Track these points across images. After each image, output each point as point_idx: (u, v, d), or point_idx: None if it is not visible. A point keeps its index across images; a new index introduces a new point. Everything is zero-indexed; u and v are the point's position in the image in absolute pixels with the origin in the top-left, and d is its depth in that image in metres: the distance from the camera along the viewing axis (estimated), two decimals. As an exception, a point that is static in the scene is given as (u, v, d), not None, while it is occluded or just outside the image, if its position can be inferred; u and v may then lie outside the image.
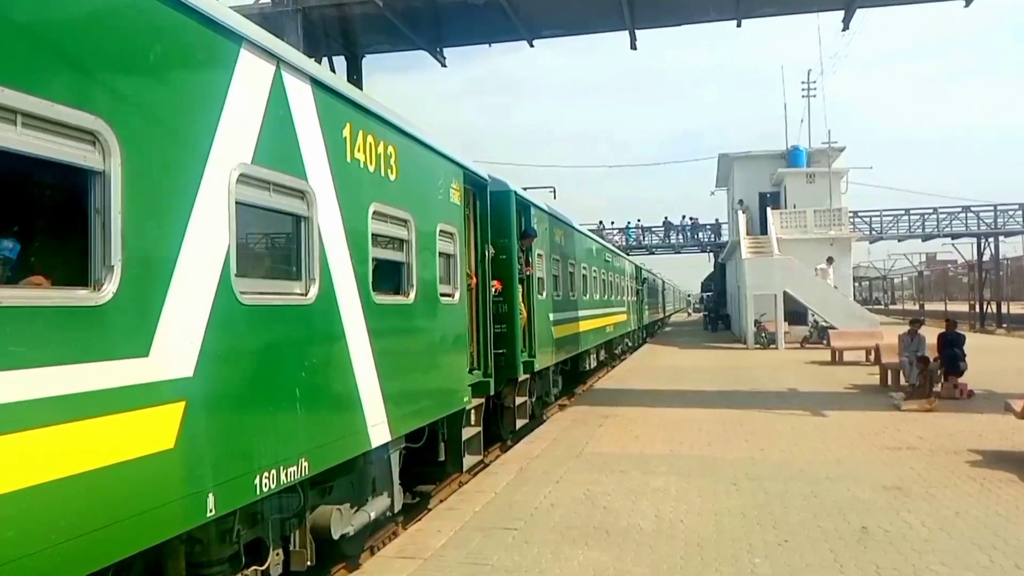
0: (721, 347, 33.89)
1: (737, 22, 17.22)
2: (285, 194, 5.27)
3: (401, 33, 17.27)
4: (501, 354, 11.22)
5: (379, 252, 6.74)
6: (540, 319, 13.38)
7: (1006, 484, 8.49)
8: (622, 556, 6.45)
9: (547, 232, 14.62)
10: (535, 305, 13.01)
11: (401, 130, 7.35)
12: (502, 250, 11.38)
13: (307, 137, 5.56)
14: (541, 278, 13.73)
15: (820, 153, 41.32)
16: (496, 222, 10.99)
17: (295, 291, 5.44)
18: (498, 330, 11.04)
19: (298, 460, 5.19)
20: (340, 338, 5.97)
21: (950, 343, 15.68)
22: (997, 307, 48.86)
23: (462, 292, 8.91)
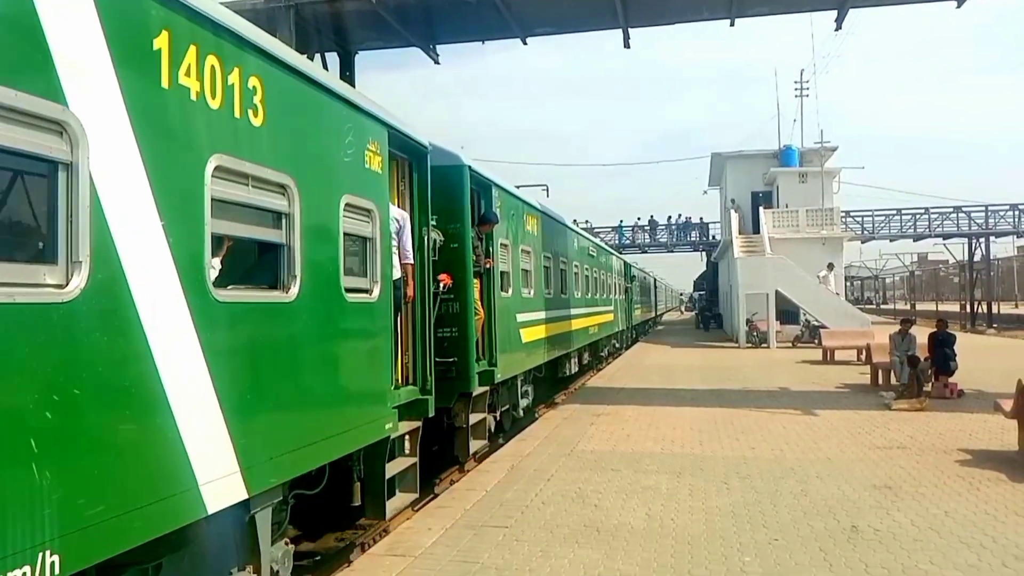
0: (713, 346, 33.95)
1: (730, 21, 17.19)
2: (20, 123, 3.30)
3: (394, 29, 17.20)
4: (452, 363, 9.67)
5: (229, 226, 4.81)
6: (504, 320, 11.52)
7: (995, 483, 8.52)
8: (612, 554, 6.44)
9: (515, 219, 12.71)
10: (497, 304, 11.07)
11: (272, 56, 5.22)
12: (452, 237, 9.64)
13: (72, 38, 3.58)
14: (506, 272, 11.89)
15: (812, 153, 41.40)
16: (444, 203, 9.34)
17: (45, 281, 3.44)
18: (447, 334, 9.64)
19: (37, 556, 3.21)
20: (136, 355, 3.89)
21: (941, 343, 15.73)
22: (988, 307, 49.21)
23: (385, 288, 6.80)
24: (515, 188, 13.24)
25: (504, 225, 11.71)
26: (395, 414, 7.06)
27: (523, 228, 13.38)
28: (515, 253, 12.58)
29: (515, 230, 12.69)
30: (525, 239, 13.42)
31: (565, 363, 18.14)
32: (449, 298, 9.64)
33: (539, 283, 14.48)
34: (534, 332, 13.77)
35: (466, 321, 9.90)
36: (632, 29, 17.52)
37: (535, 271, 14.13)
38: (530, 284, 13.78)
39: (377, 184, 6.86)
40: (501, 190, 11.69)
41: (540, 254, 14.74)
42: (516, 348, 12.41)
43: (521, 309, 12.81)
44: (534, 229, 14.27)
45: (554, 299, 15.91)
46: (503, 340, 11.34)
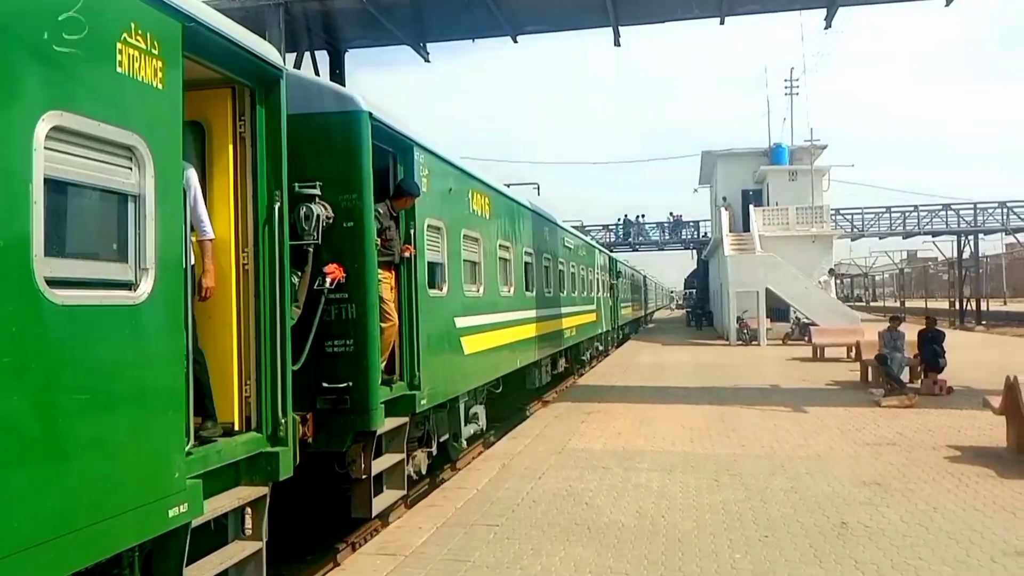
0: (704, 343, 34.02)
1: (720, 19, 17.24)
2: None
3: (384, 27, 17.18)
4: (345, 390, 6.87)
5: None
6: (435, 327, 8.88)
7: (984, 479, 8.56)
8: (603, 552, 6.45)
9: (455, 197, 9.93)
10: (423, 306, 8.25)
11: None
12: (346, 214, 6.94)
13: None
14: (438, 264, 9.24)
15: (802, 151, 41.54)
16: (331, 164, 6.95)
17: None
18: (338, 349, 6.97)
19: None
20: None
21: (930, 340, 15.80)
22: (976, 304, 49.49)
23: (166, 280, 4.28)
24: (456, 157, 10.15)
25: (436, 201, 9.07)
26: (195, 488, 4.42)
27: (467, 208, 10.51)
28: (454, 240, 9.67)
29: (454, 210, 9.85)
30: (471, 223, 10.58)
31: (534, 372, 15.59)
32: (340, 299, 6.92)
33: (492, 279, 11.61)
34: (484, 340, 10.93)
35: (366, 330, 6.99)
36: (622, 27, 17.55)
37: (486, 264, 11.20)
38: (478, 280, 10.89)
39: (147, 105, 4.17)
40: (429, 154, 8.79)
41: (494, 243, 11.81)
42: (455, 362, 9.64)
43: (463, 311, 9.99)
44: (484, 211, 11.35)
45: (516, 298, 13.14)
46: (433, 353, 8.56)
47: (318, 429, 6.70)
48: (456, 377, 9.76)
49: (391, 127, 7.83)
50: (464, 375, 10.12)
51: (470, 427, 10.78)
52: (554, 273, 17.43)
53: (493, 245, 11.77)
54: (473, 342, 10.40)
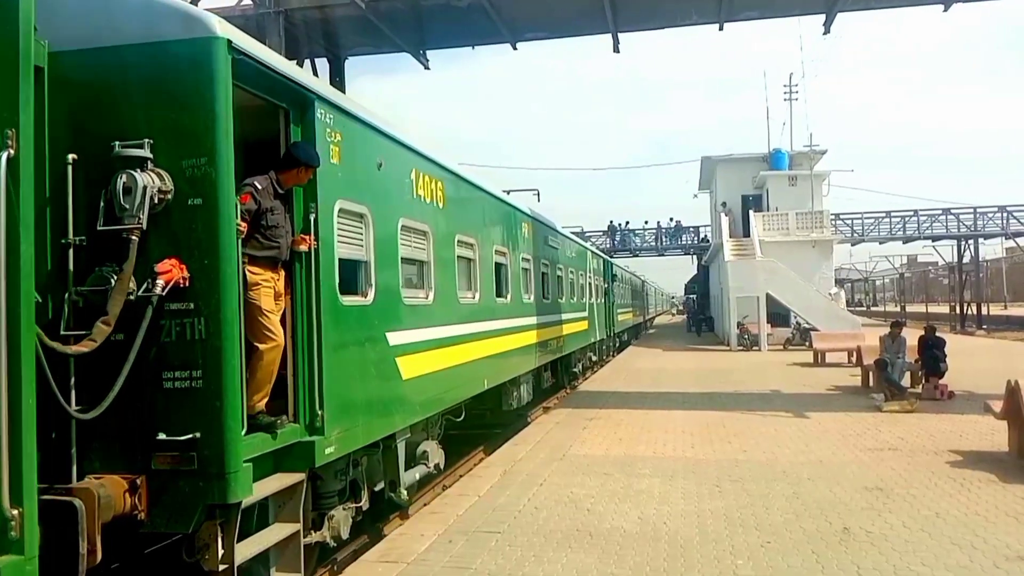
0: (704, 349, 34.00)
1: (719, 25, 17.31)
2: None
3: (384, 35, 17.24)
4: (191, 446, 4.92)
5: None
6: (353, 347, 6.84)
7: (986, 484, 8.55)
8: (605, 558, 6.44)
9: (386, 174, 7.66)
10: (331, 319, 6.28)
11: None
12: (192, 185, 5.03)
13: None
14: (360, 263, 7.11)
15: (802, 156, 41.59)
16: (167, 114, 5.09)
17: None
18: (180, 384, 5.01)
19: None
20: None
21: (930, 346, 15.80)
22: (977, 308, 49.47)
23: None
24: (383, 121, 7.84)
25: (356, 179, 6.96)
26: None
27: (409, 193, 8.31)
28: (386, 232, 7.59)
29: (387, 193, 7.74)
30: (415, 211, 8.41)
31: (511, 391, 13.41)
32: (182, 310, 4.99)
33: (447, 283, 9.49)
34: (434, 359, 8.80)
35: (220, 355, 4.95)
36: (622, 33, 17.60)
37: (439, 264, 9.10)
38: (426, 284, 8.81)
39: None
40: (341, 114, 6.69)
41: (451, 238, 9.73)
42: (386, 391, 7.54)
43: (401, 324, 7.88)
44: (436, 198, 9.18)
45: (482, 306, 10.97)
46: (346, 381, 6.60)
47: (154, 500, 4.96)
48: (389, 410, 7.54)
49: (273, 68, 5.71)
50: (403, 406, 7.84)
51: (415, 471, 8.48)
52: (535, 276, 15.17)
53: (449, 241, 9.60)
54: (416, 363, 8.14)
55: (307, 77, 6.54)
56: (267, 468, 5.68)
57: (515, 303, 13.18)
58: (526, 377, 14.40)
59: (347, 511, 6.88)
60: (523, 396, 14.19)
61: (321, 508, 6.56)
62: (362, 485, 7.29)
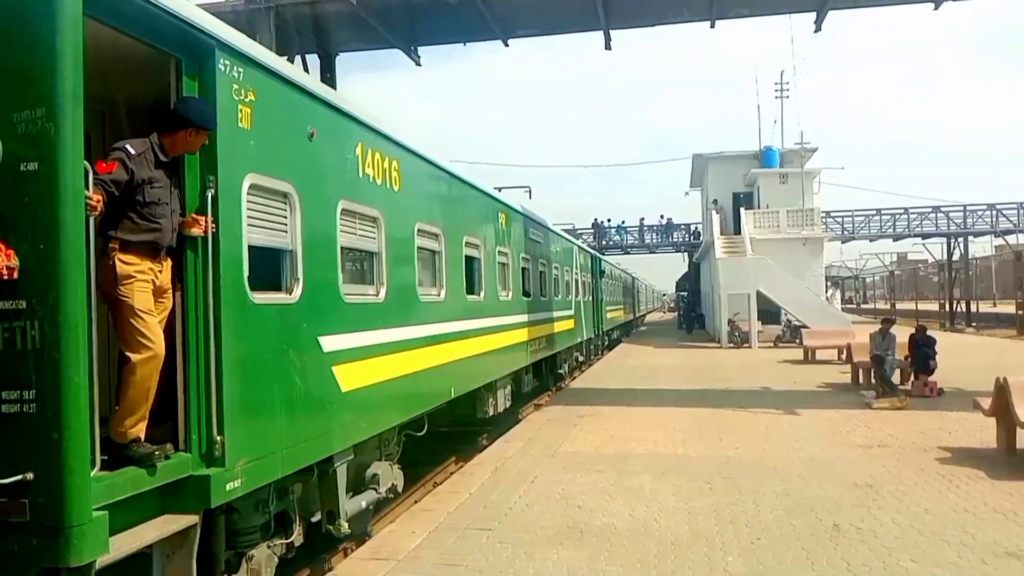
0: (695, 346, 34.08)
1: (711, 23, 17.29)
2: None
3: (375, 31, 17.17)
4: (22, 490, 3.79)
5: None
6: (269, 354, 5.58)
7: (975, 481, 8.59)
8: (596, 555, 6.44)
9: (327, 150, 6.59)
10: (235, 320, 5.11)
11: None
12: (25, 145, 3.89)
13: None
14: (283, 252, 5.91)
15: (793, 154, 41.66)
16: None
17: None
18: (8, 408, 3.87)
19: None
20: None
21: (921, 344, 15.86)
22: (967, 306, 49.70)
23: None
24: (318, 85, 6.95)
25: (274, 150, 5.69)
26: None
27: (353, 171, 7.01)
28: (321, 216, 6.39)
29: (322, 169, 6.49)
30: (361, 193, 7.13)
31: (486, 398, 12.28)
32: (10, 310, 3.91)
33: (406, 277, 8.32)
34: (384, 366, 7.50)
35: (58, 370, 3.84)
36: (613, 31, 17.58)
37: (393, 256, 7.81)
38: (376, 278, 7.57)
39: None
40: (255, 68, 5.45)
41: (409, 227, 8.45)
42: (318, 406, 6.22)
43: (339, 326, 6.63)
44: (389, 179, 7.83)
45: (449, 304, 9.74)
46: (258, 397, 5.38)
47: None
48: (323, 429, 6.26)
49: (153, 1, 4.50)
50: (342, 424, 6.56)
51: (361, 498, 7.27)
52: (514, 272, 13.94)
53: (407, 231, 8.39)
54: (360, 371, 6.92)
55: (206, 17, 5.07)
56: (148, 510, 4.53)
57: (490, 301, 11.95)
58: (504, 381, 13.28)
59: (273, 548, 5.80)
60: (500, 402, 13.02)
61: (238, 547, 5.50)
62: (294, 516, 6.15)
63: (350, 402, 6.69)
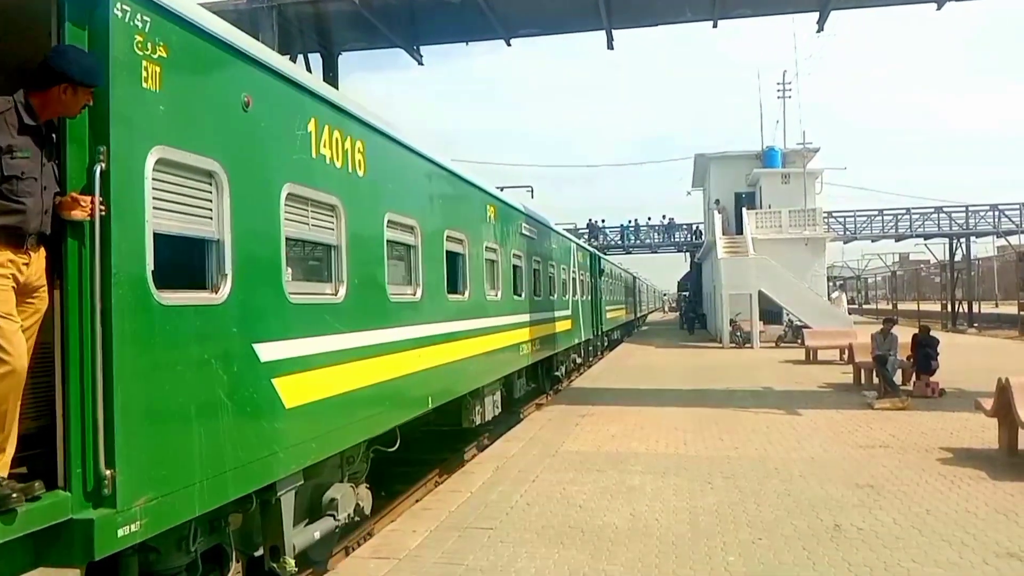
0: (697, 346, 34.05)
1: (713, 23, 17.31)
2: None
3: (377, 30, 17.20)
4: None
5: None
6: (179, 368, 4.55)
7: (976, 481, 8.59)
8: (597, 555, 6.45)
9: (268, 122, 5.63)
10: (132, 327, 4.16)
11: None
12: None
13: None
14: (208, 243, 4.97)
15: (795, 154, 41.64)
16: None
17: None
18: None
19: None
20: None
21: (923, 344, 15.85)
22: (968, 307, 49.63)
23: None
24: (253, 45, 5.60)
25: (192, 117, 4.78)
26: None
27: (303, 150, 6.06)
28: (248, 197, 5.27)
29: (249, 141, 5.37)
30: (307, 174, 6.07)
31: (474, 406, 11.44)
32: None
33: (371, 273, 7.32)
34: (341, 377, 6.52)
35: None
36: (616, 31, 17.59)
37: (353, 249, 6.78)
38: (334, 275, 6.61)
39: None
40: (160, 13, 4.47)
41: (375, 217, 7.47)
42: (250, 429, 5.20)
43: (278, 331, 5.64)
44: (349, 161, 6.84)
45: (426, 305, 8.75)
46: (166, 419, 4.45)
47: None
48: (261, 453, 5.26)
49: None
50: (287, 445, 5.59)
51: (314, 528, 6.44)
52: (504, 269, 12.90)
53: (374, 221, 7.43)
54: (311, 383, 5.99)
55: None
56: (14, 564, 3.75)
57: (476, 301, 11.03)
58: (493, 387, 12.32)
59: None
60: (488, 410, 12.05)
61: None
62: (230, 552, 5.36)
63: (298, 419, 5.73)
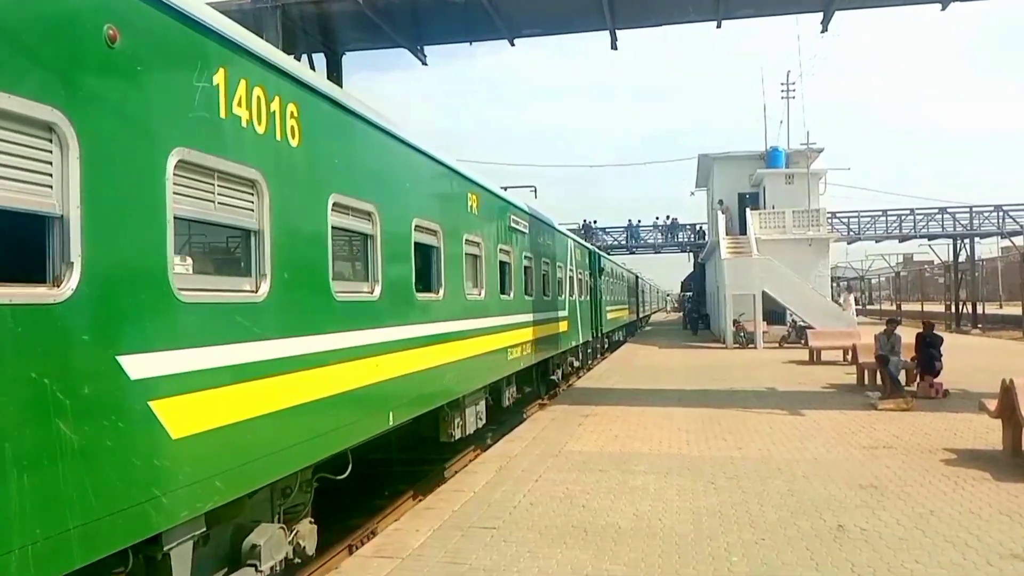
0: (700, 346, 34.03)
1: (717, 23, 17.29)
2: None
3: (381, 30, 17.19)
4: None
5: None
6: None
7: (980, 482, 8.58)
8: (600, 555, 6.45)
9: (141, 62, 4.30)
10: None
11: None
12: None
13: None
14: (50, 220, 3.75)
15: (799, 154, 41.63)
16: None
17: None
18: None
19: None
20: None
21: (928, 344, 15.82)
22: (972, 307, 49.52)
23: None
24: None
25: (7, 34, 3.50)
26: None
27: (197, 105, 4.79)
28: (108, 164, 4.07)
29: (112, 90, 4.14)
30: (208, 140, 4.88)
31: (453, 419, 10.33)
32: None
33: (304, 267, 6.06)
34: (261, 395, 5.30)
35: None
36: (619, 31, 17.58)
37: (280, 237, 5.58)
38: (254, 268, 5.39)
39: None
40: None
41: (316, 199, 6.27)
42: (114, 470, 3.96)
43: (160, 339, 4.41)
44: (277, 127, 5.65)
45: (385, 304, 7.51)
46: None
47: None
48: (135, 499, 4.07)
49: None
50: (175, 486, 4.37)
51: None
52: (488, 265, 11.66)
53: (312, 203, 6.15)
54: (213, 404, 4.75)
55: None
56: None
57: (453, 300, 9.84)
58: (475, 397, 11.16)
59: None
60: (470, 422, 10.95)
61: None
62: None
63: (193, 452, 4.52)
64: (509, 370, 13.23)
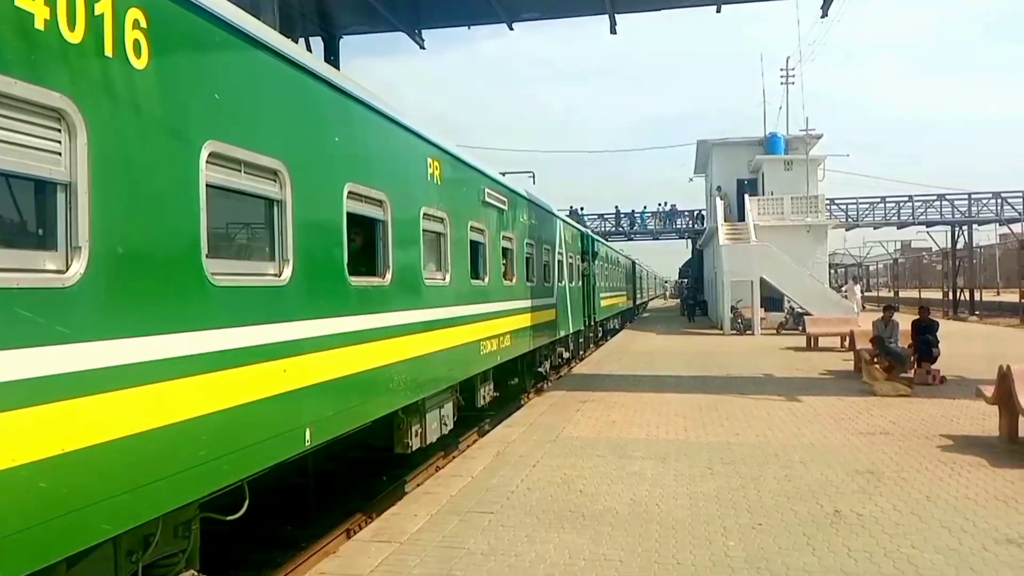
0: (698, 333, 34.08)
1: (717, 7, 17.20)
2: None
3: (379, 14, 17.09)
4: None
5: None
6: None
7: (976, 468, 8.60)
8: (598, 539, 6.46)
9: None
10: None
11: None
12: None
13: None
14: None
15: (798, 140, 41.54)
16: None
17: None
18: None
19: None
20: None
21: (924, 330, 15.85)
22: (970, 294, 49.60)
23: None
24: None
25: None
26: None
27: None
28: None
29: None
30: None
31: (411, 425, 8.82)
32: None
33: (140, 230, 4.28)
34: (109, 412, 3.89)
35: None
36: (618, 15, 17.49)
37: (93, 183, 3.86)
38: (60, 236, 3.80)
39: None
40: None
41: (161, 134, 4.49)
42: None
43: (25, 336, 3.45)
44: (92, 34, 3.87)
45: (299, 288, 5.96)
46: None
47: None
48: None
49: None
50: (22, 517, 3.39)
51: None
52: (455, 246, 10.21)
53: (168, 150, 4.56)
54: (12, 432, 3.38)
55: None
56: None
57: (406, 286, 8.38)
58: (439, 398, 9.79)
59: None
60: (432, 429, 9.53)
61: None
62: None
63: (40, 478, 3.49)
64: (483, 366, 11.87)
